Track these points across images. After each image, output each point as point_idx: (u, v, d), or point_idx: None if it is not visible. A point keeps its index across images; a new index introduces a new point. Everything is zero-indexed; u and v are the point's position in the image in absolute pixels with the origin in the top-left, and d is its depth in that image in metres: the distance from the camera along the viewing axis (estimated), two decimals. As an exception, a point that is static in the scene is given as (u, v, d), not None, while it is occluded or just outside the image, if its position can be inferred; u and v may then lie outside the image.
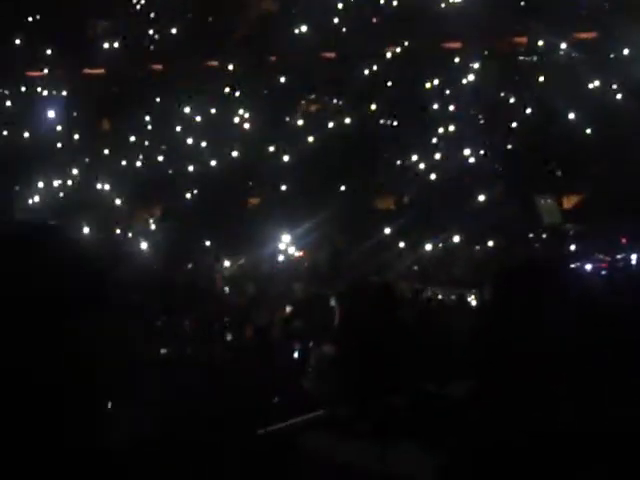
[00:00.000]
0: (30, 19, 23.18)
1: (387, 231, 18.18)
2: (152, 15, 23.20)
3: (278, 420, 5.82)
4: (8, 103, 22.03)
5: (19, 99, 22.07)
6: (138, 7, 23.49)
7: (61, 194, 20.32)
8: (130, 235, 19.16)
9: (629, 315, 4.34)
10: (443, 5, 22.01)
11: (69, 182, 20.45)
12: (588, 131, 19.41)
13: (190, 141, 20.96)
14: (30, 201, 20.00)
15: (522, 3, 21.71)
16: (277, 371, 8.76)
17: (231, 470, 5.72)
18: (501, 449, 3.86)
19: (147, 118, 21.60)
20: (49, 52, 22.55)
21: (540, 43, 21.18)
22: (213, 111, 21.29)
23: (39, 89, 22.26)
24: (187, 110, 21.27)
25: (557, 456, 3.74)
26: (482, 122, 20.29)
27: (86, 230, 18.66)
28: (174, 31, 22.78)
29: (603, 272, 14.00)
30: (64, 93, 22.38)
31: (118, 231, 19.27)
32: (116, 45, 22.70)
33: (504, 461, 3.89)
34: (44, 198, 20.03)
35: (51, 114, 21.64)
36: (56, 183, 20.42)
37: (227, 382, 7.95)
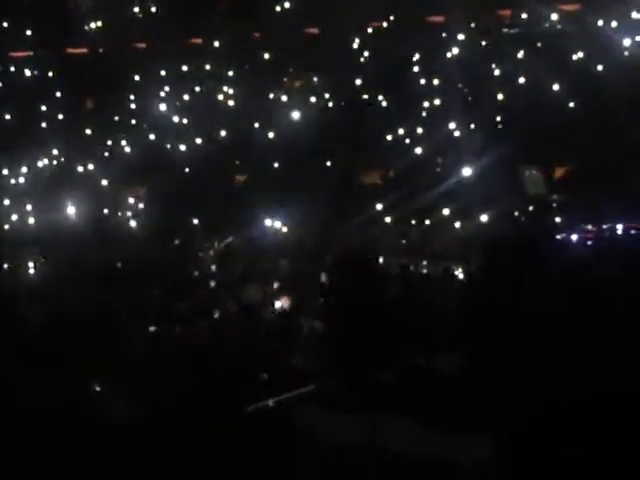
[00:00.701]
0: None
1: (374, 206, 18.17)
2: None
3: (268, 396, 5.84)
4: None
5: (3, 79, 21.98)
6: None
7: (46, 174, 20.24)
8: (117, 215, 19.11)
9: (615, 284, 4.37)
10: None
11: (54, 162, 20.37)
12: (573, 102, 19.42)
13: (175, 119, 20.89)
14: (14, 181, 19.91)
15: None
16: (266, 348, 8.79)
17: (221, 446, 5.74)
18: (491, 423, 3.89)
19: (131, 97, 21.52)
20: (31, 32, 22.43)
21: (524, 15, 21.17)
22: (197, 89, 21.22)
23: (24, 70, 22.16)
24: (171, 88, 21.19)
25: (546, 431, 3.77)
26: (467, 95, 20.28)
27: (71, 210, 18.64)
28: (157, 9, 22.68)
29: (589, 242, 14.05)
30: (48, 73, 22.29)
31: (105, 211, 19.21)
32: (99, 24, 22.59)
33: (494, 435, 3.92)
34: (29, 179, 19.95)
35: (35, 94, 21.55)
36: (41, 163, 20.32)
37: (214, 360, 7.97)
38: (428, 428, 4.05)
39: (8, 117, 21.37)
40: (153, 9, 22.78)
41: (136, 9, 22.88)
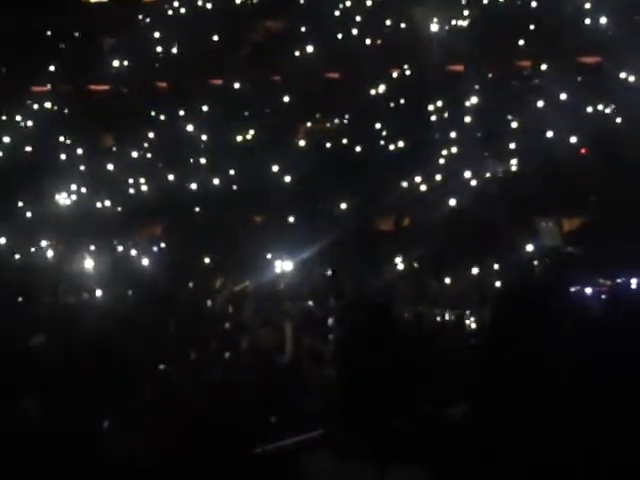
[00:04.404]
0: (38, 34, 23.33)
1: (388, 252, 18.13)
2: (158, 34, 23.35)
3: (276, 439, 5.82)
4: (17, 117, 22.08)
5: (25, 114, 22.12)
6: (144, 25, 23.64)
7: (63, 209, 20.29)
8: (132, 252, 19.11)
9: (628, 339, 4.34)
10: (447, 28, 22.19)
11: (72, 197, 20.44)
12: (590, 154, 19.45)
13: (193, 159, 20.98)
14: (30, 214, 19.95)
15: (530, 27, 21.85)
16: (276, 391, 8.76)
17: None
18: (499, 472, 3.87)
19: (151, 135, 21.64)
20: (54, 67, 22.65)
21: (543, 66, 21.29)
22: (217, 129, 21.32)
23: (46, 104, 22.33)
24: (190, 128, 21.31)
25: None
26: (485, 144, 20.32)
27: (89, 246, 18.68)
28: (179, 49, 22.89)
29: (603, 296, 13.99)
30: (68, 108, 22.46)
31: (120, 248, 19.22)
32: (124, 63, 22.82)
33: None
34: (46, 213, 20.01)
35: (55, 129, 21.70)
36: (58, 198, 20.38)
37: (224, 401, 7.94)
38: (438, 477, 4.01)
39: (29, 149, 21.49)
40: (174, 49, 23.00)
41: (158, 48, 23.09)
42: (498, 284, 15.86)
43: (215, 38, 22.90)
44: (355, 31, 22.63)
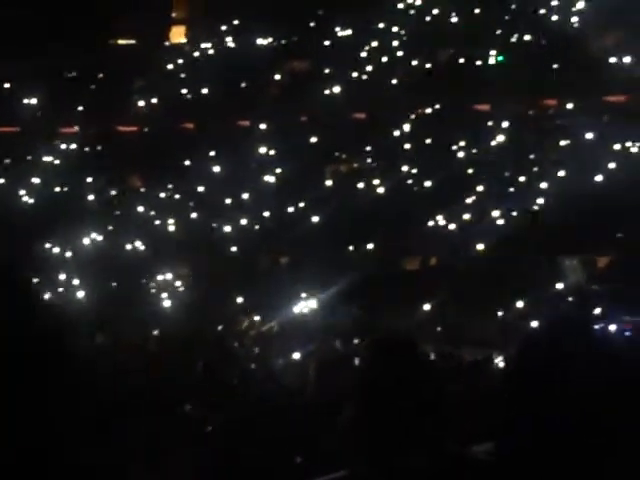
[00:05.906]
0: (67, 76, 23.58)
1: (413, 291, 18.10)
2: (184, 75, 23.54)
3: (301, 479, 5.82)
4: (46, 159, 22.23)
5: (52, 155, 22.27)
6: (171, 66, 23.83)
7: (89, 250, 20.35)
8: (161, 293, 19.13)
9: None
10: (473, 67, 22.30)
11: (99, 238, 20.50)
12: (616, 193, 19.39)
13: (220, 199, 21.04)
14: (56, 252, 19.97)
15: (554, 65, 21.93)
16: (301, 430, 8.75)
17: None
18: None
19: (178, 176, 21.75)
20: (82, 109, 22.85)
21: (569, 105, 21.31)
22: (243, 169, 21.41)
23: (74, 145, 22.48)
24: (217, 169, 21.40)
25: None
26: (511, 183, 20.33)
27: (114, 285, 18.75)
28: (206, 91, 23.05)
29: (627, 333, 13.93)
30: (96, 150, 22.62)
31: (151, 289, 19.26)
32: (152, 102, 23.00)
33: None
34: (73, 254, 20.08)
35: (83, 170, 21.83)
36: (86, 238, 20.44)
37: (249, 441, 7.94)
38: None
39: (57, 190, 21.62)
40: (202, 91, 23.16)
41: (184, 90, 23.27)
42: (527, 323, 15.79)
43: (241, 79, 23.04)
44: (380, 71, 22.74)
